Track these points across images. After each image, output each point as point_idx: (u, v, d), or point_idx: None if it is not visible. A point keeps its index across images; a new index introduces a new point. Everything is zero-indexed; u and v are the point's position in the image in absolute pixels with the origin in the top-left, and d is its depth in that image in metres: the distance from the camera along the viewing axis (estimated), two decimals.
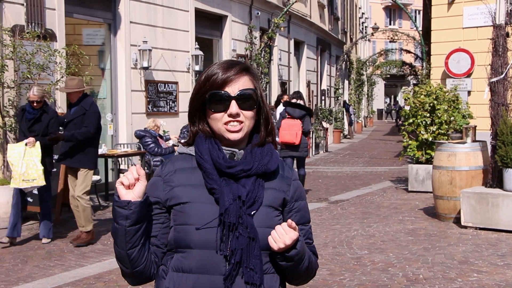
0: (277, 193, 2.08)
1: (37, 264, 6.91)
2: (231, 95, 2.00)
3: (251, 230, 1.95)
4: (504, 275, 6.26)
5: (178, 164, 2.09)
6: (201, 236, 1.96)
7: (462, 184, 8.94)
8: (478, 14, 12.23)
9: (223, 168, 1.99)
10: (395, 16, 65.60)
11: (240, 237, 1.94)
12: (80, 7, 11.12)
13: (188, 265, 1.98)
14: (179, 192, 2.02)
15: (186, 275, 1.98)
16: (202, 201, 1.99)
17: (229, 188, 1.98)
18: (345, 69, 32.14)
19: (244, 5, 16.30)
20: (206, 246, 1.96)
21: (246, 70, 2.06)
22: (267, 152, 2.07)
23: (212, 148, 2.02)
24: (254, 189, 2.00)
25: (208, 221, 1.96)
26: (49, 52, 9.27)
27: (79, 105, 7.74)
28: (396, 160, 17.57)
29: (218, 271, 1.96)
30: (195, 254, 1.97)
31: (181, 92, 13.42)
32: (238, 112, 2.00)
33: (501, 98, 8.56)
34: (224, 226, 1.94)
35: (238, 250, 1.93)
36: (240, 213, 1.96)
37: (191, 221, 1.98)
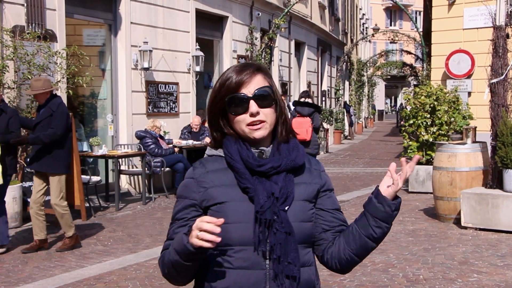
0: (308, 187, 2.14)
1: (37, 265, 6.91)
2: (249, 96, 2.05)
3: (286, 225, 2.01)
4: (504, 276, 6.27)
5: (209, 165, 2.14)
6: (240, 233, 2.02)
7: (462, 185, 8.95)
8: (479, 15, 12.23)
9: (254, 167, 2.05)
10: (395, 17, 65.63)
11: (277, 233, 2.00)
12: (81, 7, 11.13)
13: (229, 262, 2.04)
14: (215, 193, 2.07)
15: (228, 271, 2.04)
16: (238, 200, 2.05)
17: (262, 186, 2.03)
18: (346, 70, 32.14)
19: (245, 6, 16.31)
20: (245, 243, 2.01)
21: (258, 69, 2.12)
22: (293, 147, 2.13)
23: (241, 149, 2.08)
24: (286, 185, 2.06)
25: (244, 219, 2.02)
26: (49, 53, 9.28)
27: (46, 107, 7.35)
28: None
29: (259, 266, 2.02)
30: (235, 251, 2.03)
31: (181, 93, 13.42)
32: (258, 111, 2.05)
33: (501, 99, 8.56)
34: (261, 223, 2.00)
35: (276, 245, 1.99)
36: (275, 210, 2.01)
37: (229, 219, 2.01)
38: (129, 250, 7.59)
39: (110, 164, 11.16)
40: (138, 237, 8.33)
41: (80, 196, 9.22)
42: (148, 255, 7.29)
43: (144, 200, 10.98)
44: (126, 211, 10.31)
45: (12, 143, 7.30)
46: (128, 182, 12.02)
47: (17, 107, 9.10)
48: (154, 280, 6.27)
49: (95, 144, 10.41)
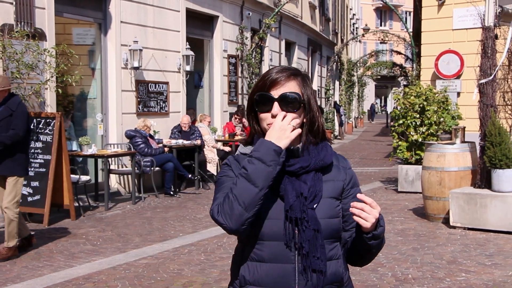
0: (335, 184, 2.25)
1: (25, 265, 6.88)
2: (274, 97, 2.15)
3: (315, 223, 2.12)
4: (492, 275, 6.30)
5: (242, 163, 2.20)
6: (271, 229, 2.14)
7: (451, 185, 8.99)
8: (468, 16, 12.28)
9: (284, 167, 2.13)
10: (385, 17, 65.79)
11: (306, 230, 2.11)
12: (70, 6, 11.08)
13: (261, 255, 2.16)
14: None
15: (260, 264, 2.17)
16: (269, 198, 2.13)
17: (291, 186, 2.15)
18: (336, 70, 32.18)
19: (235, 6, 16.30)
20: (276, 238, 2.14)
21: (296, 74, 2.21)
22: (322, 148, 2.24)
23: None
24: (314, 184, 2.17)
25: (276, 215, 2.14)
26: (38, 52, 9.24)
27: (5, 106, 6.93)
28: (386, 161, 17.63)
29: (289, 260, 2.13)
30: (267, 245, 2.15)
31: (171, 92, 13.40)
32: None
33: (489, 100, 8.60)
34: (291, 221, 2.12)
35: (305, 241, 2.10)
36: (304, 208, 2.12)
37: (261, 215, 2.13)
38: (119, 250, 7.57)
39: (99, 164, 11.13)
40: (127, 236, 8.32)
41: (69, 195, 9.23)
42: (138, 255, 7.28)
43: (134, 200, 10.95)
44: (115, 210, 10.28)
45: None
46: (117, 182, 11.99)
47: None
48: (143, 279, 6.26)
49: (84, 144, 10.38)
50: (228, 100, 15.93)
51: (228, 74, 15.84)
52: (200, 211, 10.23)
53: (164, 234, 8.49)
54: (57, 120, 9.06)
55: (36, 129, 9.15)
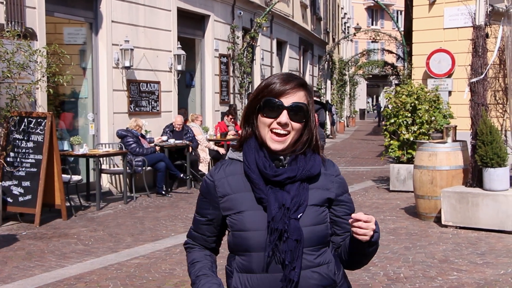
0: (321, 193, 2.24)
1: (16, 265, 6.84)
2: (284, 105, 2.14)
3: (297, 233, 2.12)
4: (483, 274, 6.32)
5: (228, 170, 2.26)
6: (256, 240, 2.15)
7: (442, 184, 9.01)
8: (459, 15, 12.31)
9: (270, 177, 2.15)
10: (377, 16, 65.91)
11: (288, 241, 2.11)
12: (61, 6, 11.04)
13: (250, 267, 2.18)
14: (234, 202, 2.21)
15: (250, 275, 2.18)
16: (254, 209, 2.17)
17: (274, 197, 2.14)
18: (328, 69, 32.21)
19: (227, 5, 16.29)
20: (262, 249, 2.14)
21: (303, 86, 2.20)
22: (310, 157, 2.22)
23: (258, 157, 2.18)
24: (299, 193, 2.16)
25: (261, 226, 2.14)
26: (30, 51, 9.19)
27: None
28: (378, 160, 17.66)
29: (276, 271, 2.14)
30: (255, 257, 2.16)
31: (163, 91, 13.38)
32: (287, 122, 2.14)
33: (481, 98, 8.63)
34: (273, 232, 2.12)
35: (287, 252, 2.11)
36: (285, 219, 2.12)
37: (247, 227, 2.17)
38: (110, 250, 7.55)
39: (91, 163, 11.09)
40: (119, 236, 8.29)
41: (60, 195, 9.20)
42: (129, 255, 7.26)
43: (126, 199, 10.92)
44: (107, 210, 10.25)
45: None
46: (109, 181, 11.96)
47: None
48: (135, 279, 6.24)
49: (76, 143, 10.34)
50: (220, 99, 15.92)
51: (219, 73, 15.83)
52: (192, 211, 10.16)
53: (156, 233, 8.47)
54: (48, 120, 9.02)
55: (27, 129, 9.12)
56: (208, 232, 2.33)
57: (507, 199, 8.11)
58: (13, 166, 9.15)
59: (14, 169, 9.12)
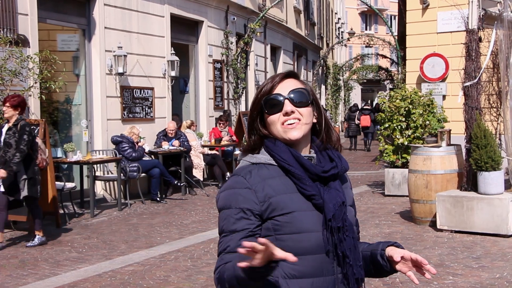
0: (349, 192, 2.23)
1: (9, 274, 6.79)
2: (283, 95, 2.09)
3: (352, 230, 2.10)
4: (479, 278, 6.31)
5: (263, 173, 2.08)
6: (313, 242, 2.03)
7: (437, 188, 9.00)
8: (452, 19, 12.33)
9: (319, 173, 2.08)
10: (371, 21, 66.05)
11: (347, 239, 2.06)
12: (54, 12, 11.01)
13: (301, 271, 2.03)
14: (280, 203, 2.04)
15: (300, 281, 2.04)
16: (303, 209, 2.05)
17: (329, 195, 2.07)
18: (322, 74, 32.24)
19: (220, 11, 16.28)
20: (317, 251, 2.04)
21: (291, 75, 2.17)
22: (337, 154, 2.19)
23: (297, 155, 2.09)
24: (343, 190, 2.14)
25: (313, 227, 2.04)
26: (22, 58, 9.15)
27: None
28: (373, 165, 17.66)
29: (330, 272, 2.06)
30: (307, 260, 2.03)
31: (157, 98, 13.35)
32: (292, 110, 2.07)
33: (474, 102, 8.63)
34: (332, 231, 2.04)
35: (348, 250, 2.06)
36: (344, 217, 2.07)
37: (301, 229, 2.03)
38: (104, 257, 7.50)
39: (85, 170, 11.04)
40: (113, 243, 8.25)
41: (54, 202, 9.15)
42: (124, 262, 7.21)
43: (120, 206, 10.87)
44: (101, 217, 10.20)
45: None
46: (103, 188, 11.90)
47: None
48: (129, 287, 6.20)
49: (69, 150, 10.30)
50: (214, 105, 15.90)
51: (213, 79, 15.82)
52: (187, 217, 10.18)
53: (150, 240, 8.43)
54: (41, 127, 8.97)
55: None
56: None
57: (502, 203, 8.10)
58: None
59: None
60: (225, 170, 13.71)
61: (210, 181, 14.45)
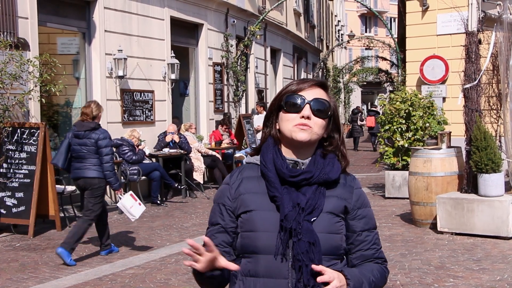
0: (338, 201, 2.16)
1: (10, 277, 6.79)
2: (306, 99, 2.13)
3: (310, 235, 2.03)
4: (480, 280, 6.30)
5: (245, 173, 2.21)
6: (265, 241, 2.07)
7: (438, 190, 8.99)
8: (451, 21, 12.34)
9: (286, 177, 2.09)
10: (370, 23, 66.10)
11: (300, 242, 2.02)
12: (54, 16, 11.02)
13: (255, 270, 2.10)
14: (246, 200, 2.14)
15: (254, 279, 2.10)
16: (265, 209, 2.10)
17: (289, 196, 2.08)
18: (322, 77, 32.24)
19: (220, 13, 16.30)
20: (270, 251, 2.06)
21: (322, 84, 2.21)
22: (329, 162, 2.17)
23: (276, 158, 2.13)
24: (315, 196, 2.09)
25: (271, 228, 2.07)
26: (22, 61, 9.16)
27: None
28: (373, 167, 17.65)
29: (282, 275, 2.05)
30: (261, 259, 2.08)
31: (157, 101, 13.35)
32: (309, 116, 2.11)
33: (474, 104, 8.63)
34: (285, 231, 2.04)
35: (299, 254, 2.02)
36: (299, 219, 2.04)
37: (256, 228, 2.09)
38: (105, 260, 7.50)
39: None
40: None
41: (54, 206, 9.15)
42: (124, 265, 7.21)
43: (120, 210, 10.84)
44: None
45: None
46: None
47: None
48: None
49: None
50: (214, 108, 15.90)
51: (213, 82, 15.82)
52: (187, 220, 10.17)
53: (150, 243, 8.42)
54: (41, 131, 8.99)
55: (20, 139, 9.08)
56: (224, 242, 2.18)
57: (502, 205, 8.10)
58: (6, 177, 9.10)
59: (7, 180, 9.07)
60: (225, 173, 13.70)
61: (210, 184, 14.45)
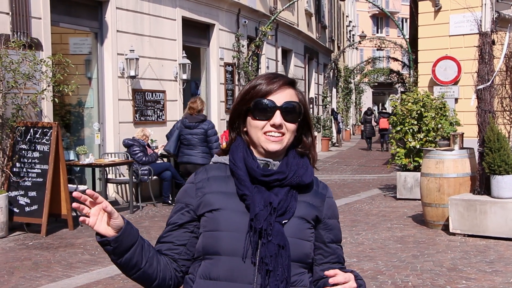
0: (310, 208, 2.05)
1: (23, 275, 6.82)
2: (277, 105, 1.99)
3: (280, 238, 1.91)
4: (493, 282, 6.27)
5: (211, 172, 2.08)
6: (230, 242, 1.94)
7: (450, 191, 8.96)
8: (464, 22, 12.29)
9: (258, 176, 1.97)
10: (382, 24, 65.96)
11: (269, 244, 1.90)
12: (67, 16, 11.07)
13: (216, 272, 1.95)
14: (211, 199, 2.01)
15: (214, 283, 1.95)
16: (233, 209, 1.97)
17: (260, 195, 1.95)
18: (333, 77, 32.21)
19: (232, 14, 16.31)
20: (235, 253, 1.93)
21: (291, 83, 2.07)
22: (302, 165, 2.06)
23: (247, 156, 2.01)
24: (287, 198, 1.98)
25: (237, 228, 1.94)
26: (35, 61, 9.21)
27: None
28: (385, 168, 17.61)
29: (246, 279, 1.92)
30: (224, 261, 1.94)
31: (168, 101, 13.38)
32: (281, 123, 1.99)
33: (488, 105, 8.59)
34: (255, 232, 1.91)
35: (267, 257, 1.89)
36: (270, 220, 1.92)
37: (221, 227, 1.96)
38: None
39: (97, 173, 11.09)
40: None
41: (67, 205, 9.18)
42: None
43: (132, 209, 10.90)
44: None
45: None
46: (115, 191, 11.94)
47: (2, 116, 9.03)
48: None
49: (81, 153, 10.34)
50: (225, 108, 15.92)
51: (225, 82, 15.84)
52: None
53: None
54: (54, 130, 9.03)
55: (33, 139, 9.12)
56: (176, 239, 2.06)
57: None
58: (19, 176, 9.15)
59: (21, 180, 9.12)
60: None
61: None
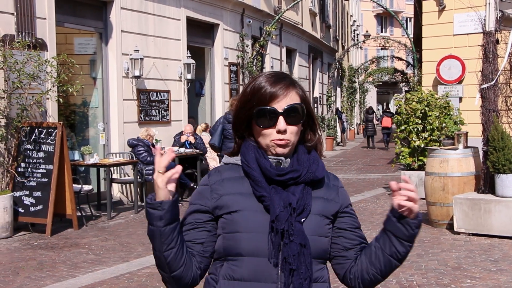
0: (326, 203, 2.08)
1: (28, 275, 6.85)
2: (279, 111, 2.00)
3: (302, 237, 1.94)
4: (497, 281, 6.26)
5: (225, 173, 2.08)
6: (252, 243, 1.96)
7: (454, 190, 8.95)
8: (468, 21, 12.28)
9: (273, 176, 1.99)
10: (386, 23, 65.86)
11: (291, 244, 1.93)
12: (71, 16, 11.10)
13: (240, 273, 1.97)
14: (229, 201, 2.01)
15: (238, 283, 1.97)
16: (252, 209, 1.99)
17: (279, 196, 1.97)
18: (337, 77, 32.18)
19: (236, 14, 16.32)
20: (257, 253, 1.95)
21: (293, 84, 2.06)
22: (313, 160, 2.07)
23: (259, 157, 2.02)
24: (303, 196, 2.00)
25: (257, 229, 1.96)
26: (40, 62, 9.24)
27: None
28: (389, 167, 17.59)
29: (270, 279, 1.95)
30: (246, 262, 1.97)
31: (173, 100, 13.40)
32: (286, 129, 2.00)
33: (492, 105, 8.58)
34: (277, 233, 1.93)
35: (290, 257, 1.92)
36: (291, 220, 1.94)
37: (242, 229, 1.97)
38: (121, 259, 7.54)
39: (102, 173, 11.11)
40: (130, 245, 8.29)
41: (71, 205, 9.21)
42: (141, 264, 7.25)
43: (136, 209, 10.93)
44: (118, 219, 10.26)
45: None
46: (120, 191, 11.97)
47: (7, 116, 9.06)
48: None
49: (86, 153, 10.37)
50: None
51: (229, 82, 15.85)
52: None
53: None
54: (58, 130, 9.05)
55: (38, 139, 9.15)
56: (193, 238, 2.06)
57: None
58: (24, 176, 9.18)
59: (25, 180, 9.15)
60: None
61: None
